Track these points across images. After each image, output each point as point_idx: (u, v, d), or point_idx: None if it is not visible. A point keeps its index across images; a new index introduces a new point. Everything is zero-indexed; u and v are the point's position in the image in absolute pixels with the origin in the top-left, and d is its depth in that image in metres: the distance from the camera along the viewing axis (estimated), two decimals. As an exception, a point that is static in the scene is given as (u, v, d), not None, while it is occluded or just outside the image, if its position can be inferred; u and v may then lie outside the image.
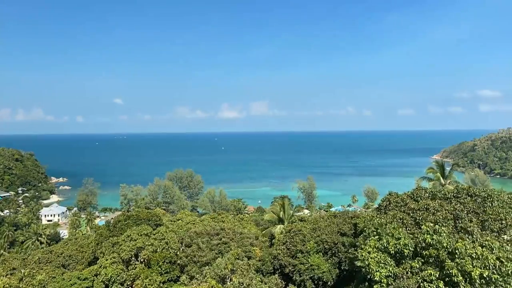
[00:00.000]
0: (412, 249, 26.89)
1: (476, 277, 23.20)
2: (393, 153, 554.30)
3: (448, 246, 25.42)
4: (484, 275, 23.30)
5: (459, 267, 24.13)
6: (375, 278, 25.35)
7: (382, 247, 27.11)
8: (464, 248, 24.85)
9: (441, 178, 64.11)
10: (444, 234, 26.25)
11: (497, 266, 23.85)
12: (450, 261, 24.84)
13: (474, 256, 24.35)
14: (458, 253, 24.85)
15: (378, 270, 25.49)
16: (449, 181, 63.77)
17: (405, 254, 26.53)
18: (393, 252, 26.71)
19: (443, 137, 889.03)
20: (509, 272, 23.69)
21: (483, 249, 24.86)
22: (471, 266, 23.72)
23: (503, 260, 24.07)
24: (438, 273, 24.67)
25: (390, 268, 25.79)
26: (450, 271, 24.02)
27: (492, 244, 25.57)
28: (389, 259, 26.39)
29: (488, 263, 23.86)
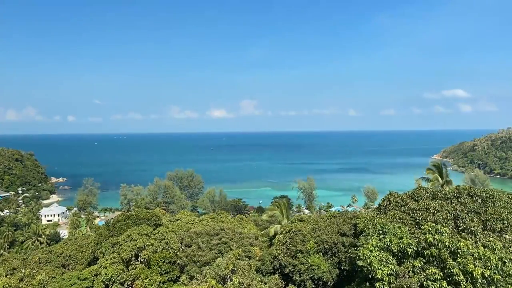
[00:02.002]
0: (415, 248, 26.85)
1: (478, 276, 23.11)
2: (392, 153, 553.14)
3: (451, 246, 25.36)
4: (486, 275, 23.24)
5: (461, 267, 24.08)
6: (377, 276, 25.26)
7: (385, 246, 27.04)
8: (466, 247, 24.78)
9: (440, 179, 63.91)
10: (446, 234, 26.20)
11: (499, 266, 23.79)
12: (451, 260, 24.78)
13: (476, 256, 24.28)
14: (460, 253, 24.79)
15: (380, 268, 25.41)
16: (445, 180, 63.58)
17: (408, 253, 26.47)
18: (395, 251, 26.65)
19: (433, 137, 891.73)
20: (510, 272, 23.64)
21: (486, 250, 24.81)
22: (472, 265, 23.65)
23: (505, 261, 24.01)
24: (441, 272, 24.61)
25: (392, 267, 25.71)
26: (452, 270, 23.96)
27: (494, 244, 25.52)
28: (391, 257, 26.34)
29: (490, 263, 23.81)
